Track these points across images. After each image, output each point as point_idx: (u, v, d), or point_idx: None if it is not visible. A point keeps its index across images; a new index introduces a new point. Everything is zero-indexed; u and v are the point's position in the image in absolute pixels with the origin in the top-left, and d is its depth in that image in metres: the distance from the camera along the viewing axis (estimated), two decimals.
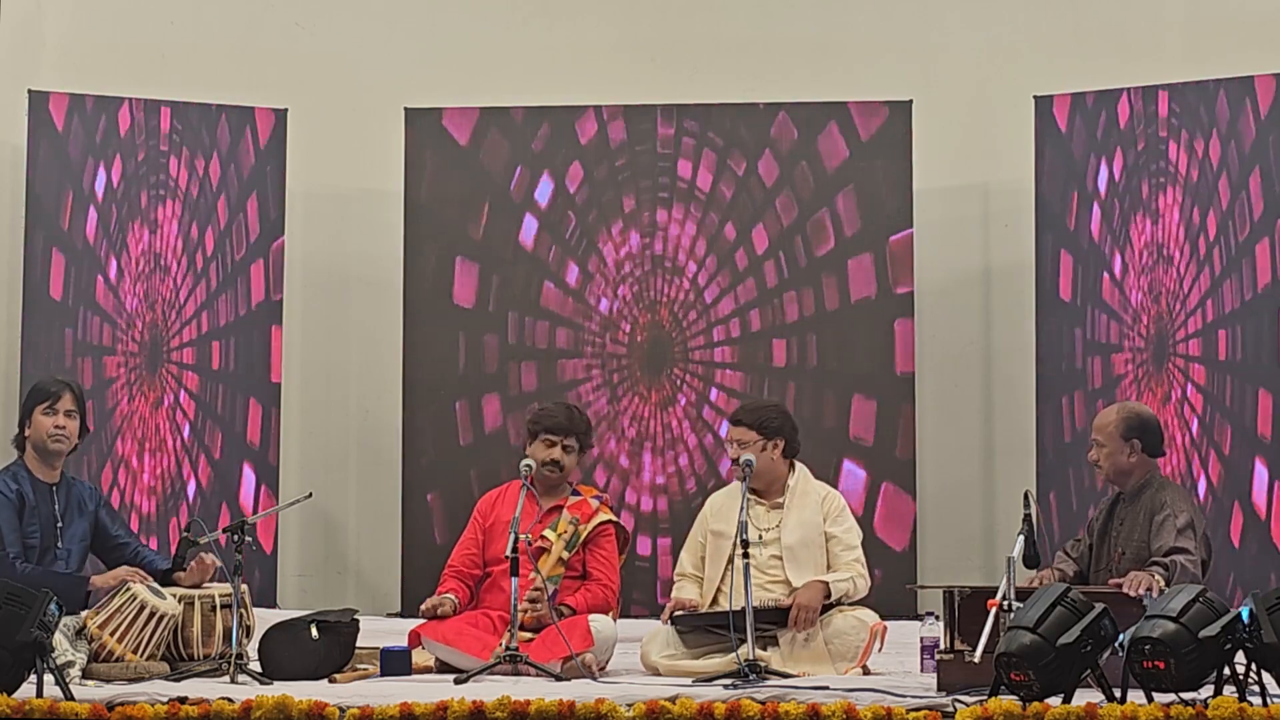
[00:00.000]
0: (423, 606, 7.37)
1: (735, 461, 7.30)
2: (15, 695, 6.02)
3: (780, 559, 7.27)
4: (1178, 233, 8.95)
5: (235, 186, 9.51)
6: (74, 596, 6.98)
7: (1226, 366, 8.79)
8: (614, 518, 7.48)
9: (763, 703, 5.88)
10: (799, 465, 7.50)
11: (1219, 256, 8.83)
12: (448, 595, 7.34)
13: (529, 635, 7.07)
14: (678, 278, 9.48)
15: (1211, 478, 8.82)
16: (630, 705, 5.91)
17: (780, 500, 7.38)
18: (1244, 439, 8.71)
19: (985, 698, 5.83)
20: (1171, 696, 5.72)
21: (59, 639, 6.50)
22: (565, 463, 7.40)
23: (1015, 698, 5.77)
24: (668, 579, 8.29)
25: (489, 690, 6.18)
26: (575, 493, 7.50)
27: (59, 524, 7.25)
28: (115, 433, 9.28)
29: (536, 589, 7.21)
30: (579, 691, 6.16)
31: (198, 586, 7.10)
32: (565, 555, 7.33)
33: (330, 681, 6.79)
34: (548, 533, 7.34)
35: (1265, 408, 8.63)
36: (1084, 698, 5.76)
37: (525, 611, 7.12)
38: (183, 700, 6.01)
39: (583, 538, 7.35)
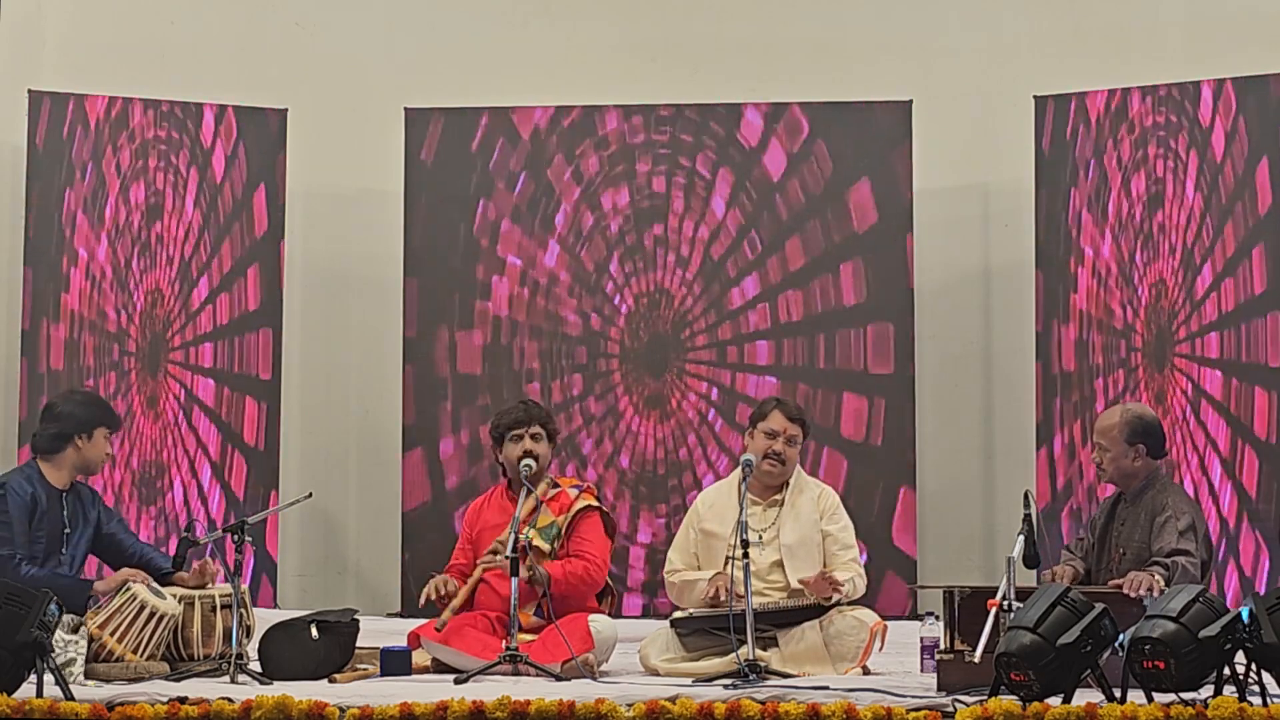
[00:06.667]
0: (426, 592, 7.31)
1: (769, 455, 7.26)
2: (15, 695, 6.02)
3: (780, 565, 7.26)
4: (1178, 232, 8.95)
5: (235, 186, 9.51)
6: (77, 601, 6.97)
7: (1228, 366, 8.79)
8: (595, 503, 7.46)
9: (763, 703, 5.88)
10: None
11: (1220, 256, 8.82)
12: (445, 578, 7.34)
13: (530, 636, 7.07)
14: (678, 277, 9.47)
15: (1211, 477, 8.81)
16: (630, 705, 5.91)
17: (778, 498, 7.37)
18: (1245, 438, 8.71)
19: (985, 698, 5.83)
20: (1171, 696, 5.73)
21: (57, 634, 6.49)
22: (539, 451, 7.38)
23: (1015, 698, 5.77)
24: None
25: (489, 690, 6.18)
26: (554, 484, 7.50)
27: (66, 530, 7.24)
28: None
29: (500, 541, 7.24)
30: (579, 691, 6.16)
31: (200, 588, 7.10)
32: (546, 547, 7.30)
33: (330, 681, 6.79)
34: (528, 530, 7.31)
35: (1268, 407, 8.63)
36: (1084, 698, 5.76)
37: (488, 565, 7.22)
38: (183, 700, 6.02)
39: (562, 528, 7.35)
